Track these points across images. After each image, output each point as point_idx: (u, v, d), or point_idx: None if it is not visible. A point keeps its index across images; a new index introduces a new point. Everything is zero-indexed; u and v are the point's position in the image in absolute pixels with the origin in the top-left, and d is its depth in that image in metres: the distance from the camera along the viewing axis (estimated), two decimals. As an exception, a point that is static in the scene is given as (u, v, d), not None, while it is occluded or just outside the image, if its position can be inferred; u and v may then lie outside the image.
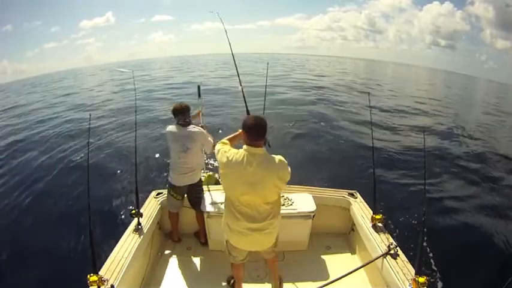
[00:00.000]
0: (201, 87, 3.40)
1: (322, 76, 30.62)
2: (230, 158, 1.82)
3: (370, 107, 3.96)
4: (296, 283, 2.59)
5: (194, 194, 2.93)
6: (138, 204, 2.65)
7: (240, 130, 2.02)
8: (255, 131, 1.81)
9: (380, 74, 46.69)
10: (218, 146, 1.96)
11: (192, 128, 2.77)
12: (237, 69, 3.00)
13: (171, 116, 2.81)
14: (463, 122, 12.84)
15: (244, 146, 1.84)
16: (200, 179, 2.97)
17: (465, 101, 23.32)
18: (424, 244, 2.11)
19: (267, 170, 1.78)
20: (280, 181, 1.82)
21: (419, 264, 2.02)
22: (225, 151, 1.87)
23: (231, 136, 2.11)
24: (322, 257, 2.89)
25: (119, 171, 5.91)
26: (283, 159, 1.86)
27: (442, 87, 36.69)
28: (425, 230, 2.10)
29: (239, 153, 1.83)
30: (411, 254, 2.33)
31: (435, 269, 3.46)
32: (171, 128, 2.79)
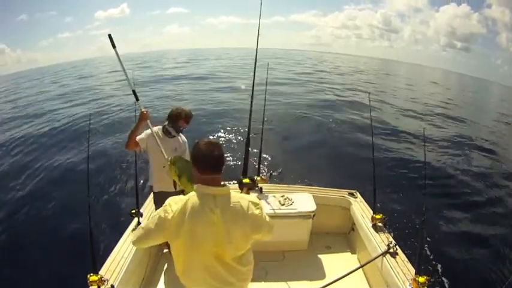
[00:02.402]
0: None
1: (331, 73, 30.59)
2: (179, 210, 1.24)
3: (370, 106, 3.96)
4: (296, 283, 2.59)
5: None
6: (138, 204, 2.65)
7: None
8: (211, 160, 1.28)
9: (394, 74, 46.16)
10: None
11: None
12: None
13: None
14: (466, 122, 12.84)
15: (197, 186, 1.29)
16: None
17: (473, 103, 23.16)
18: (424, 244, 2.12)
19: (235, 217, 1.28)
20: (255, 231, 1.37)
21: (419, 264, 2.02)
22: (164, 206, 1.29)
23: None
24: (322, 256, 2.88)
25: (119, 171, 5.90)
26: (255, 199, 1.39)
27: (453, 89, 36.37)
28: (425, 229, 2.10)
29: (191, 198, 1.27)
30: (411, 253, 2.33)
31: (435, 268, 3.46)
32: None
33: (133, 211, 2.58)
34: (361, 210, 2.90)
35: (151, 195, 3.09)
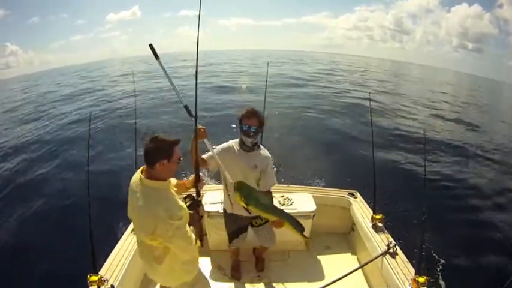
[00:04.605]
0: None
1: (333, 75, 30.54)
2: (131, 180, 1.55)
3: (370, 106, 3.99)
4: (296, 283, 2.59)
5: None
6: None
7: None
8: (144, 153, 1.48)
9: (405, 75, 45.56)
10: None
11: None
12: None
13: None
14: (471, 123, 12.79)
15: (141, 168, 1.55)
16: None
17: (480, 105, 22.92)
18: (424, 244, 2.11)
19: (139, 210, 1.45)
20: (153, 233, 1.43)
21: (419, 264, 2.02)
22: None
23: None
24: (322, 256, 2.89)
25: (118, 171, 5.90)
26: (166, 207, 1.43)
27: (463, 90, 35.85)
28: (425, 229, 2.10)
29: (136, 174, 1.55)
30: (411, 253, 2.33)
31: (435, 268, 3.46)
32: None
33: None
34: (361, 210, 2.90)
35: None
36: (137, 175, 1.52)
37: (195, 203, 1.72)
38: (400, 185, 5.54)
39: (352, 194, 3.13)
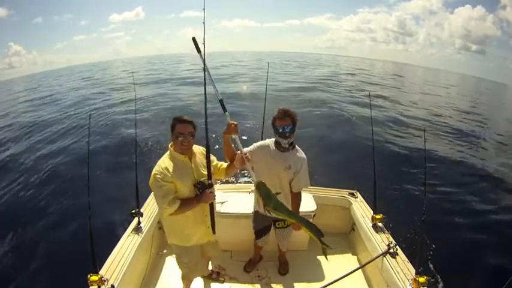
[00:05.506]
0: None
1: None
2: None
3: (371, 106, 4.00)
4: (296, 283, 2.59)
5: None
6: (138, 204, 2.65)
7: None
8: None
9: (408, 77, 45.45)
10: None
11: None
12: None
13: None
14: (471, 124, 12.78)
15: None
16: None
17: (479, 104, 22.86)
18: (425, 244, 2.11)
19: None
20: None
21: (420, 264, 2.02)
22: None
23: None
24: (322, 257, 2.88)
25: (119, 171, 5.90)
26: (153, 172, 1.80)
27: (465, 92, 35.62)
28: (425, 229, 2.10)
29: None
30: (411, 253, 2.33)
31: (435, 268, 3.45)
32: None
33: (133, 211, 2.58)
34: (361, 210, 2.90)
35: (152, 194, 3.08)
36: None
37: (200, 185, 1.85)
38: (400, 185, 5.55)
39: (352, 194, 3.13)
